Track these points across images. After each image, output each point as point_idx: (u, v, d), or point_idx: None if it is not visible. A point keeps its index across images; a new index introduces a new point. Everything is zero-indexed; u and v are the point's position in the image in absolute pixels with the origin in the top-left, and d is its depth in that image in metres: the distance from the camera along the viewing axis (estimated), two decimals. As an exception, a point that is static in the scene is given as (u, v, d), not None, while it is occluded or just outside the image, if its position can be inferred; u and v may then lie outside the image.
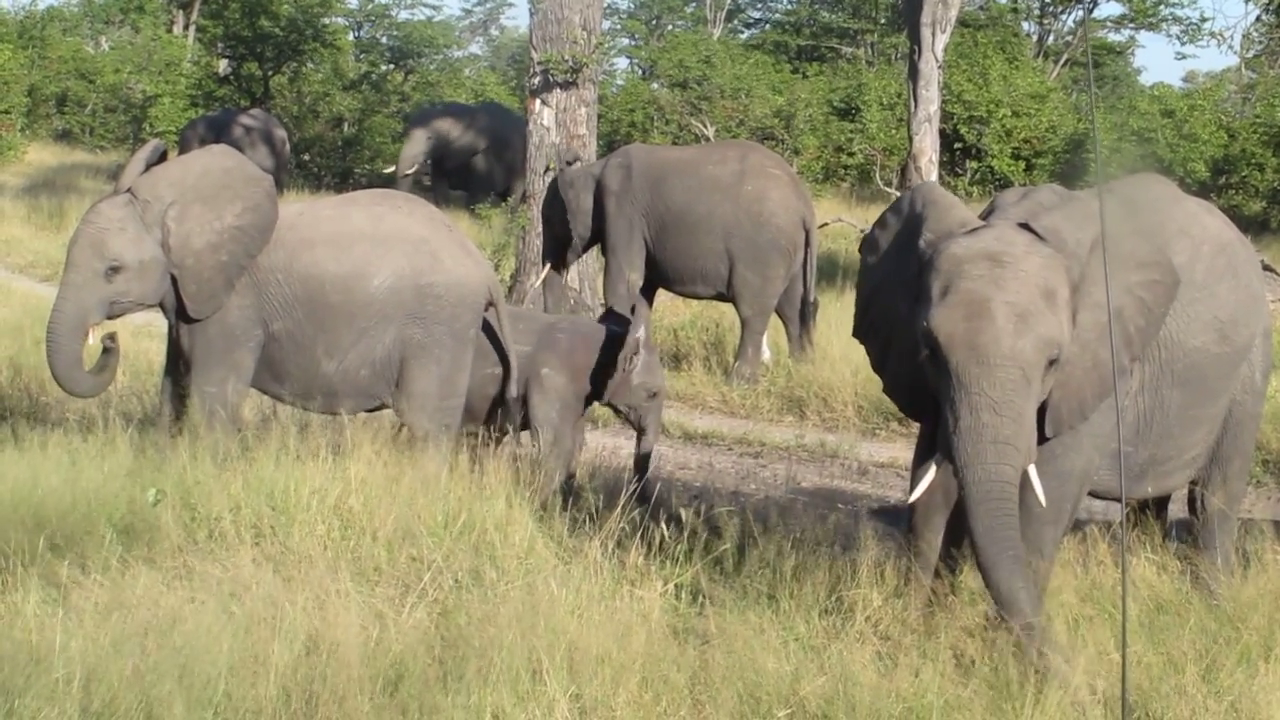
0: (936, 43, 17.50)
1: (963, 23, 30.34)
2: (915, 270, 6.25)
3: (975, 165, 29.35)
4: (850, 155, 29.43)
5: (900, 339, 6.48)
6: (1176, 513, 7.78)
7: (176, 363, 8.43)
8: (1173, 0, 38.18)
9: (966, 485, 5.83)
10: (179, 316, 8.24)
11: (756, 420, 12.43)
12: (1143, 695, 5.66)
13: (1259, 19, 29.09)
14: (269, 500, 7.17)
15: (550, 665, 5.59)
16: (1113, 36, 40.59)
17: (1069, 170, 27.59)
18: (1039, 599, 5.98)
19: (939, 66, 17.69)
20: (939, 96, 17.92)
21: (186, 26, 39.06)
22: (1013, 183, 27.31)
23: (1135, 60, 69.84)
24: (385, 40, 39.82)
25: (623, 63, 48.59)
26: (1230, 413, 7.04)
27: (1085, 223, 6.12)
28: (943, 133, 20.00)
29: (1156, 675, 5.80)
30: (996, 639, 5.95)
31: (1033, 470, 5.93)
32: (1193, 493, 7.28)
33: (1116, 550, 6.87)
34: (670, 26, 48.22)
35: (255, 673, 5.53)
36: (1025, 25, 39.41)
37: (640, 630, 5.96)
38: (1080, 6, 36.76)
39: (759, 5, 48.59)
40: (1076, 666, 5.64)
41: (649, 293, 13.84)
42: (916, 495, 6.31)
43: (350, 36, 39.89)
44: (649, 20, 49.52)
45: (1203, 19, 44.70)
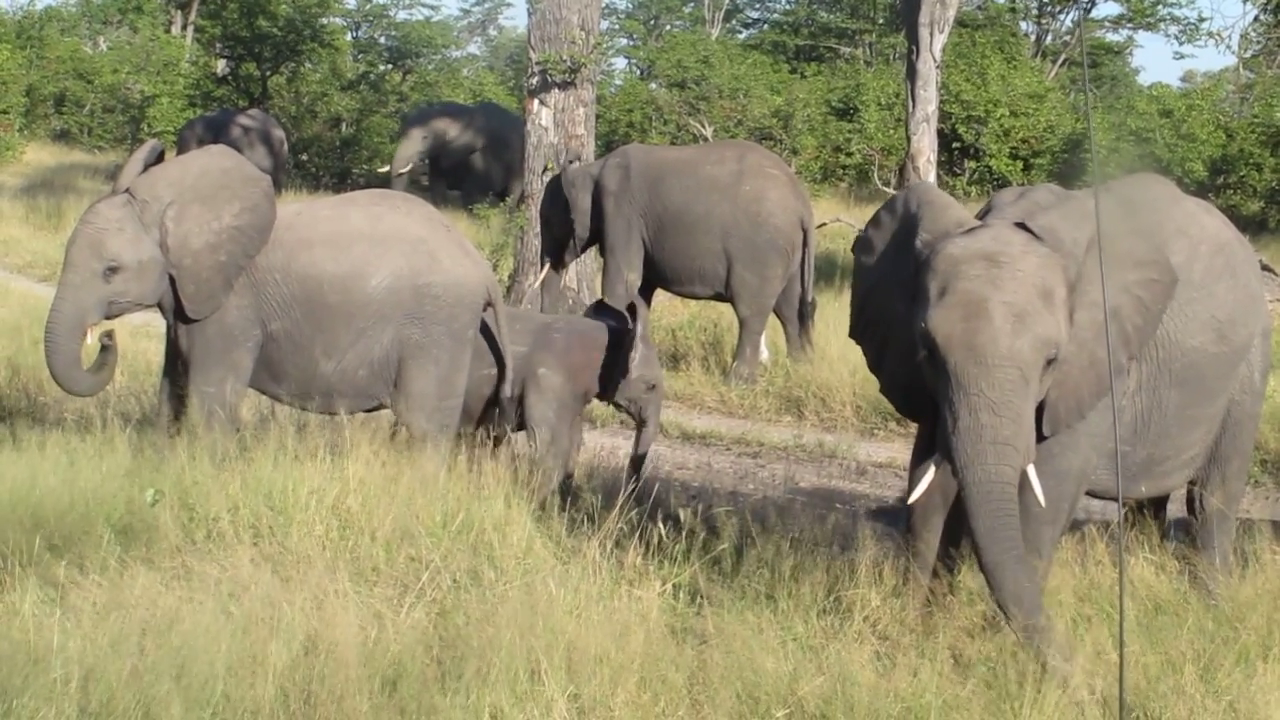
0: (934, 42, 17.50)
1: (961, 23, 30.31)
2: (912, 270, 6.25)
3: (973, 165, 29.34)
4: (848, 155, 29.42)
5: (897, 339, 6.48)
6: (1176, 513, 7.79)
7: (175, 363, 8.43)
8: (1171, 0, 38.19)
9: (967, 486, 5.83)
10: (177, 317, 8.24)
11: (755, 420, 12.43)
12: (1141, 695, 5.67)
13: (1257, 19, 29.12)
14: (267, 500, 7.17)
15: (548, 665, 5.59)
16: (1111, 36, 40.56)
17: (1067, 170, 27.58)
18: (1041, 599, 5.98)
19: (937, 66, 17.68)
20: (937, 96, 17.91)
21: (185, 27, 39.04)
22: (1011, 182, 27.29)
23: (1133, 60, 69.86)
24: (383, 40, 39.81)
25: (621, 63, 48.65)
26: (1229, 413, 7.04)
27: (1082, 222, 6.12)
28: (941, 133, 20.00)
29: (1154, 675, 5.80)
30: (996, 639, 5.96)
31: (1031, 470, 5.94)
32: (1191, 493, 7.28)
33: (1114, 550, 6.87)
34: (668, 26, 48.23)
35: (253, 673, 5.52)
36: (1023, 25, 39.37)
37: (638, 630, 5.96)
38: (1078, 6, 36.75)
39: (757, 5, 48.61)
40: (1075, 666, 5.65)
41: (647, 293, 13.85)
42: (916, 496, 6.31)
43: (348, 37, 39.89)
44: (647, 20, 49.53)
45: (1201, 19, 44.53)
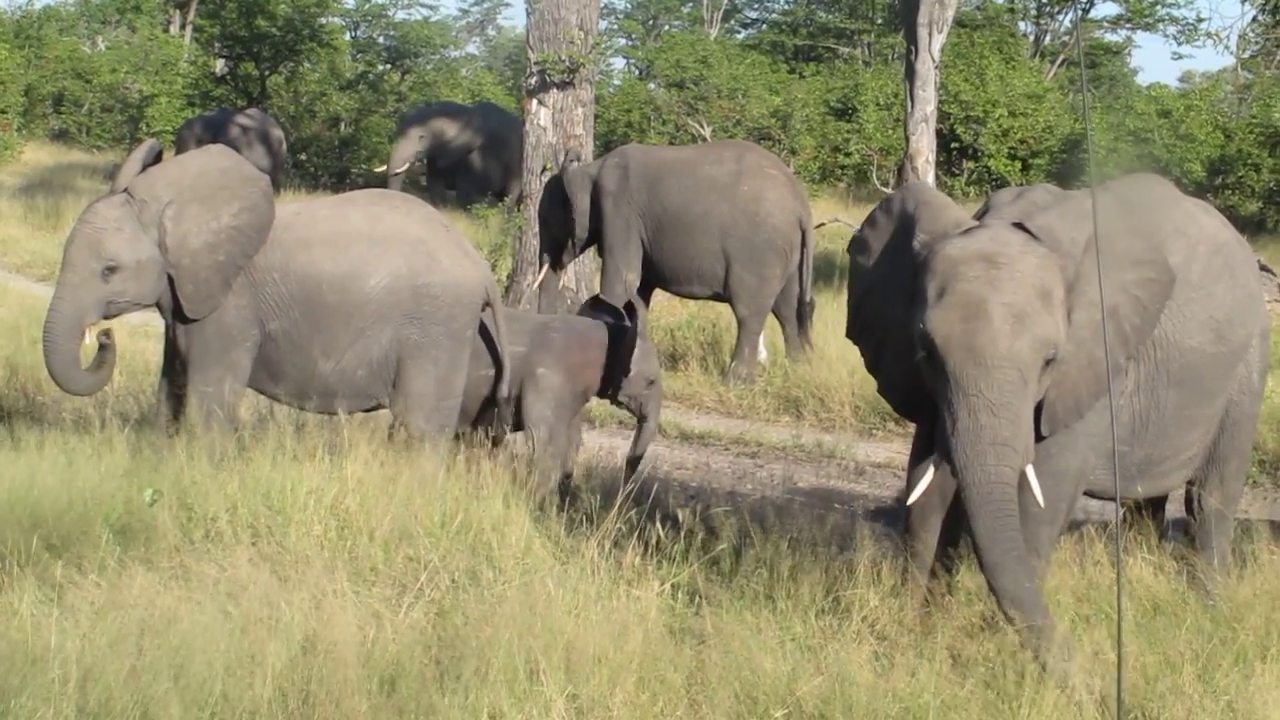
0: (933, 43, 17.50)
1: (959, 23, 30.31)
2: (910, 271, 6.25)
3: (972, 165, 29.35)
4: (847, 155, 29.42)
5: (895, 339, 6.48)
6: (1175, 513, 7.79)
7: (173, 363, 8.43)
8: (1169, 0, 38.19)
9: (966, 487, 5.83)
10: (176, 316, 8.24)
11: (753, 420, 12.43)
12: (1139, 695, 5.67)
13: (1255, 19, 29.14)
14: (266, 500, 7.16)
15: (547, 665, 5.59)
16: (1109, 37, 40.57)
17: (1066, 170, 27.58)
18: (1044, 600, 5.97)
19: (936, 66, 17.68)
20: (936, 96, 17.91)
21: (183, 26, 39.03)
22: (1009, 183, 27.30)
23: (1132, 60, 69.87)
24: (382, 40, 39.76)
25: (619, 63, 48.58)
26: (1227, 413, 7.04)
27: (1079, 222, 6.12)
28: (939, 133, 20.01)
29: (1153, 675, 5.80)
30: (995, 639, 5.96)
31: (1030, 471, 5.94)
32: (1189, 493, 7.28)
33: (1113, 550, 6.87)
34: (667, 27, 48.20)
35: (252, 673, 5.52)
36: (1022, 25, 39.38)
37: (637, 630, 5.96)
38: (1076, 6, 36.73)
39: (756, 5, 48.59)
40: (1074, 666, 5.65)
41: (646, 293, 13.85)
42: (915, 498, 6.31)
43: (347, 36, 39.84)
44: (646, 20, 49.52)
45: (1199, 19, 44.59)
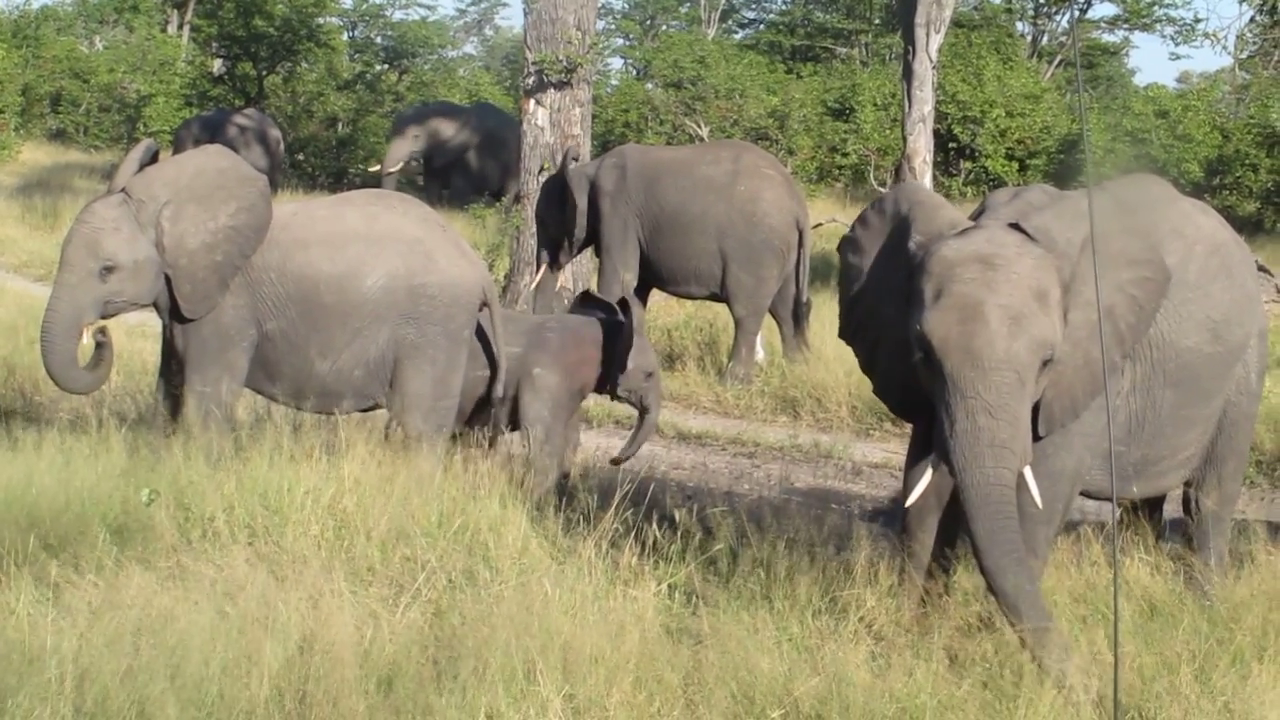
0: (931, 43, 17.49)
1: (957, 23, 30.30)
2: (905, 272, 6.25)
3: (969, 166, 29.36)
4: (844, 156, 29.41)
5: (890, 340, 6.48)
6: (1173, 513, 7.79)
7: (170, 363, 8.43)
8: (1167, 1, 38.20)
9: (965, 489, 5.83)
10: (173, 316, 8.24)
11: (750, 420, 12.43)
12: (1136, 695, 5.67)
13: (1253, 20, 29.12)
14: (263, 500, 7.16)
15: (544, 665, 5.59)
16: (1107, 37, 40.57)
17: (1063, 171, 27.59)
18: (1044, 601, 5.97)
19: (933, 67, 17.67)
20: (933, 97, 17.90)
21: (181, 26, 38.99)
22: (1007, 183, 27.28)
23: (1129, 61, 69.88)
24: (380, 40, 39.72)
25: (617, 63, 48.48)
26: (1225, 413, 7.04)
27: (1075, 222, 6.12)
28: (937, 133, 19.99)
29: (1150, 676, 5.80)
30: (992, 638, 5.96)
31: (1028, 472, 5.94)
32: (1187, 493, 7.28)
33: (1109, 551, 6.87)
34: (665, 27, 48.14)
35: (248, 672, 5.52)
36: (1019, 26, 39.38)
37: (634, 630, 5.96)
38: (1074, 7, 36.72)
39: (753, 5, 48.53)
40: (1071, 666, 5.65)
41: (643, 293, 13.85)
42: (913, 500, 6.31)
43: (345, 36, 39.81)
44: (643, 20, 49.46)
45: (1196, 20, 44.58)
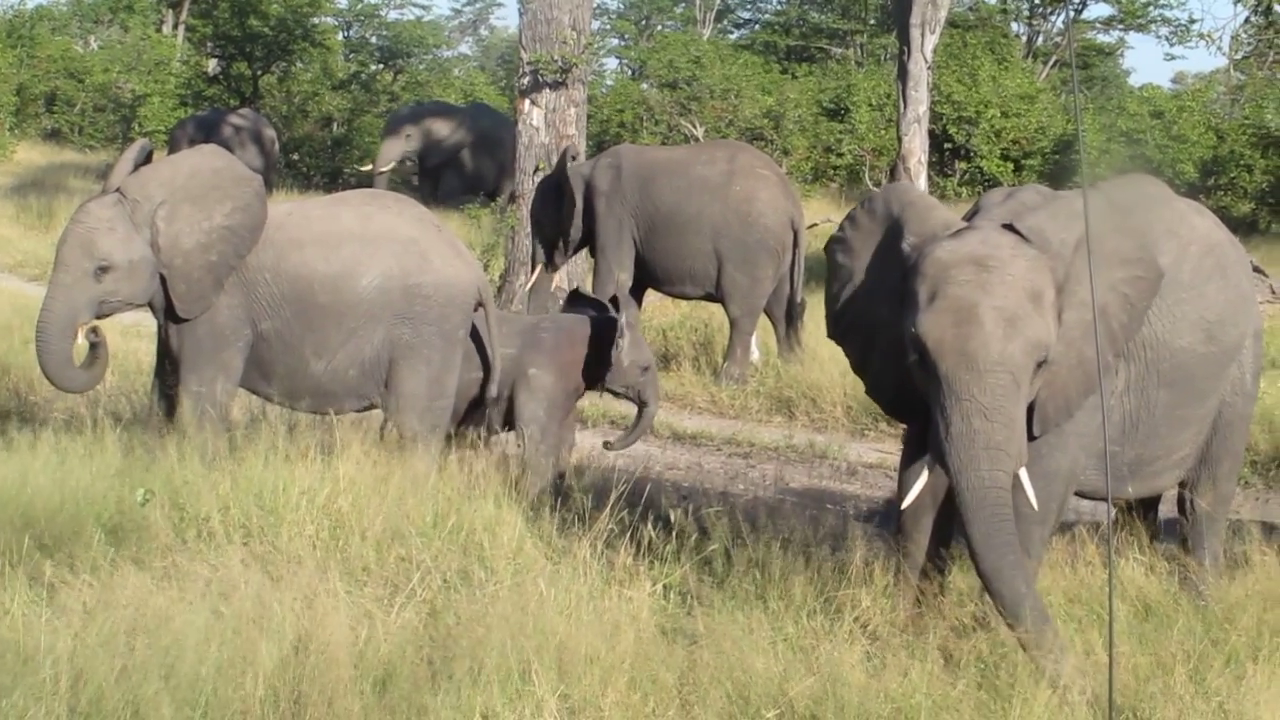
0: (926, 43, 17.50)
1: (952, 23, 30.32)
2: (899, 273, 6.24)
3: (964, 166, 29.37)
4: (839, 156, 29.41)
5: (883, 341, 6.47)
6: (1168, 514, 7.79)
7: (165, 362, 8.42)
8: (1162, 1, 38.22)
9: (961, 492, 5.83)
10: (168, 316, 8.23)
11: (745, 421, 12.43)
12: (1130, 696, 5.67)
13: (1248, 20, 29.21)
14: (258, 500, 7.16)
15: (539, 665, 5.58)
16: (1102, 38, 40.63)
17: (1058, 171, 27.60)
18: (1042, 602, 5.97)
19: (928, 67, 17.69)
20: (928, 97, 17.92)
21: (176, 26, 38.99)
22: (1002, 183, 27.28)
23: (1124, 61, 69.94)
24: (374, 40, 39.75)
25: (612, 63, 48.58)
26: (1220, 414, 7.04)
27: (1069, 222, 6.12)
28: (932, 133, 19.99)
29: (1144, 676, 5.80)
30: (987, 638, 5.96)
31: (1023, 473, 5.93)
32: (1182, 494, 7.28)
33: (1104, 551, 6.88)
34: (660, 27, 48.16)
35: (243, 673, 5.51)
36: (1014, 26, 39.43)
37: (629, 630, 5.96)
38: (1069, 7, 36.76)
39: (748, 6, 48.58)
40: (1066, 667, 5.65)
41: (638, 293, 13.85)
42: (909, 502, 6.31)
43: (339, 36, 39.86)
44: (638, 20, 49.45)
45: (1191, 20, 44.81)
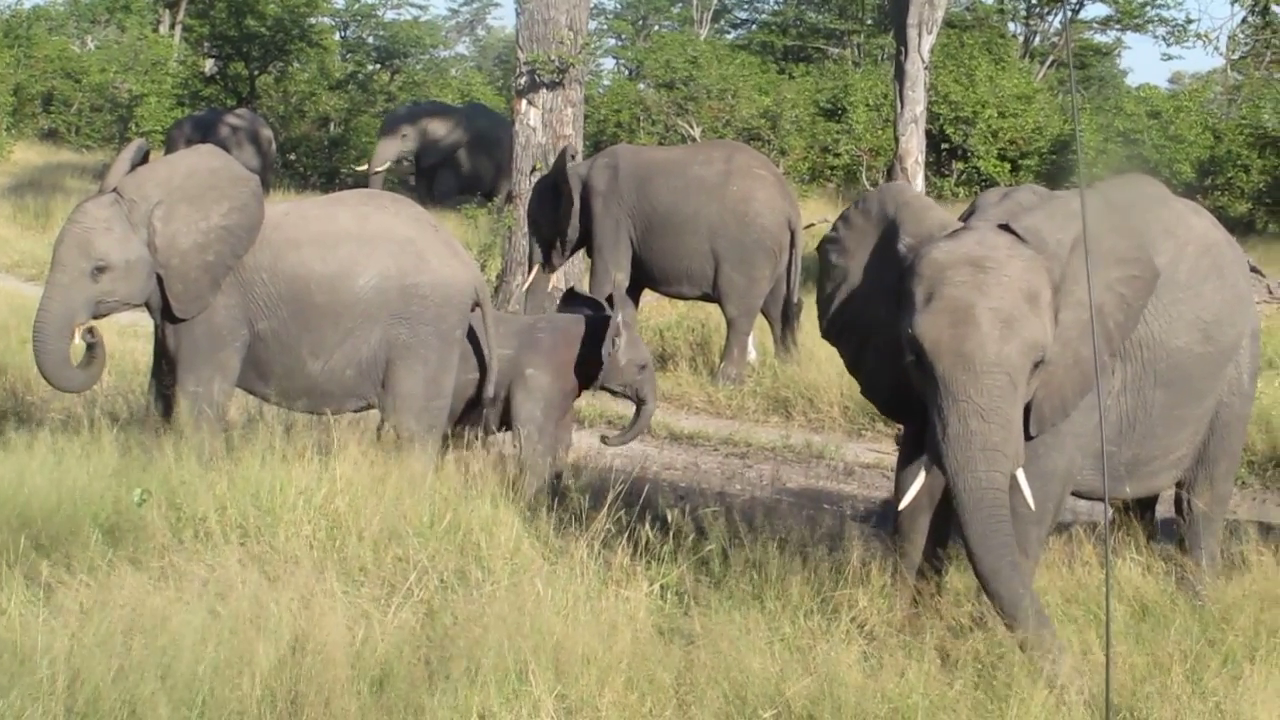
0: (923, 44, 17.49)
1: (949, 24, 30.34)
2: (895, 274, 6.24)
3: (961, 166, 29.38)
4: (836, 156, 29.41)
5: (879, 341, 6.47)
6: (1165, 514, 7.79)
7: (162, 362, 8.42)
8: (1159, 1, 38.24)
9: (958, 493, 5.83)
10: (165, 316, 8.23)
11: (742, 421, 12.43)
12: (1127, 696, 5.67)
13: (1245, 20, 29.15)
14: (255, 500, 7.16)
15: (536, 665, 5.58)
16: (1099, 38, 40.62)
17: (1055, 171, 27.62)
18: (1040, 603, 5.96)
19: (925, 67, 17.66)
20: (925, 97, 17.90)
21: (173, 26, 38.95)
22: (999, 183, 27.29)
23: (1121, 61, 69.92)
24: (371, 40, 39.74)
25: (609, 63, 48.61)
26: (1217, 414, 7.04)
27: (1066, 222, 6.12)
28: (929, 133, 19.98)
29: (1141, 676, 5.80)
30: (984, 638, 5.96)
31: (1021, 474, 5.94)
32: (1179, 494, 7.28)
33: (1101, 551, 6.88)
34: (657, 27, 48.17)
35: (240, 673, 5.51)
36: (1011, 26, 39.43)
37: (626, 630, 5.96)
38: (1066, 7, 36.77)
39: (745, 6, 48.59)
40: (1063, 667, 5.65)
41: (635, 293, 13.85)
42: (906, 503, 6.31)
43: (336, 36, 39.82)
44: (635, 20, 49.46)
45: (1189, 20, 44.81)
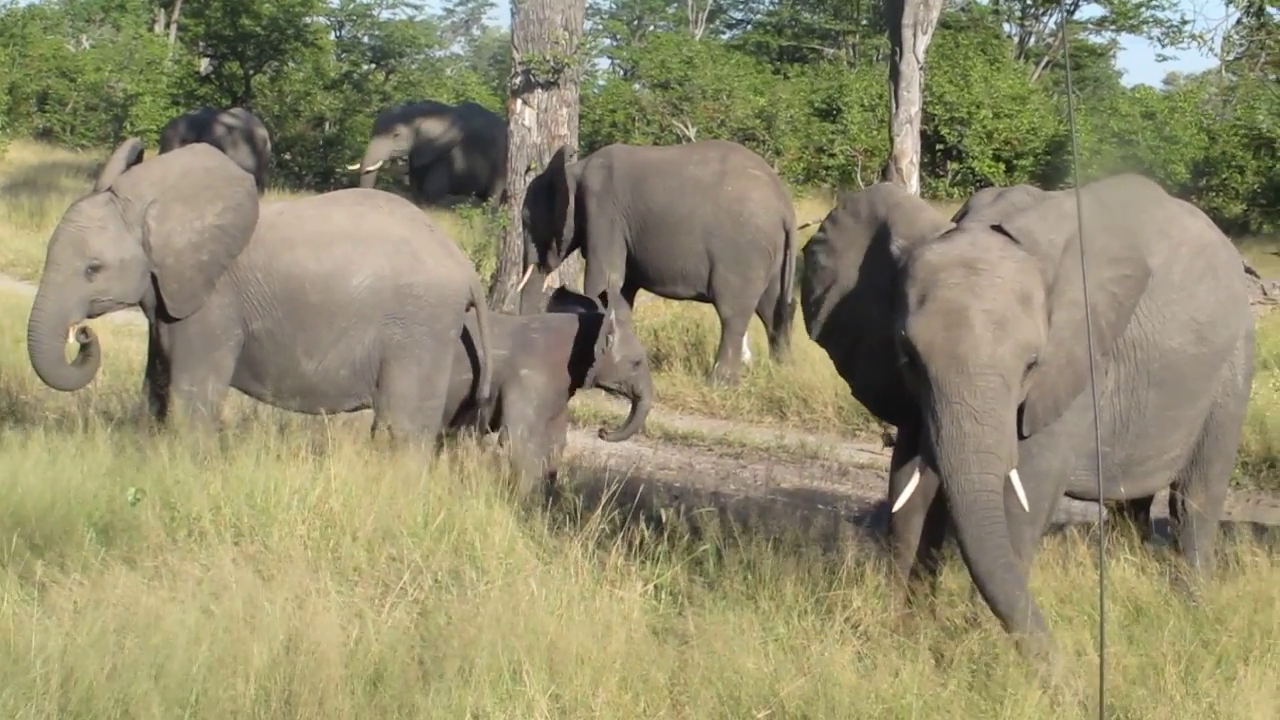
0: (918, 44, 17.51)
1: (944, 24, 30.32)
2: (889, 276, 6.24)
3: (956, 167, 29.39)
4: (831, 156, 29.43)
5: (871, 342, 6.47)
6: (1161, 515, 7.78)
7: (157, 362, 8.41)
8: (1154, 2, 38.28)
9: (952, 495, 5.82)
10: (159, 315, 8.23)
11: (737, 421, 12.44)
12: (1121, 697, 5.67)
13: (1239, 21, 29.20)
14: (249, 500, 7.15)
15: (530, 665, 5.58)
16: (1094, 38, 40.64)
17: (1050, 172, 27.65)
18: (1036, 605, 5.96)
19: (920, 68, 17.69)
20: (920, 98, 17.92)
21: (168, 25, 38.95)
22: (993, 184, 27.31)
23: (1116, 62, 69.91)
24: (367, 40, 39.72)
25: (604, 63, 48.61)
26: (1211, 415, 7.04)
27: (1058, 223, 6.12)
28: (924, 134, 20.04)
29: (1135, 677, 5.80)
30: (978, 638, 5.96)
31: (1014, 475, 5.93)
32: (1173, 495, 7.27)
33: (1095, 551, 6.88)
34: (652, 27, 48.22)
35: (234, 672, 5.51)
36: (1006, 27, 39.46)
37: (620, 630, 5.96)
38: (1061, 8, 36.80)
39: (740, 6, 48.63)
40: (1057, 668, 5.66)
41: (630, 293, 13.84)
42: (900, 504, 6.30)
43: (332, 36, 39.81)
44: (631, 20, 49.51)
45: (1183, 21, 44.69)
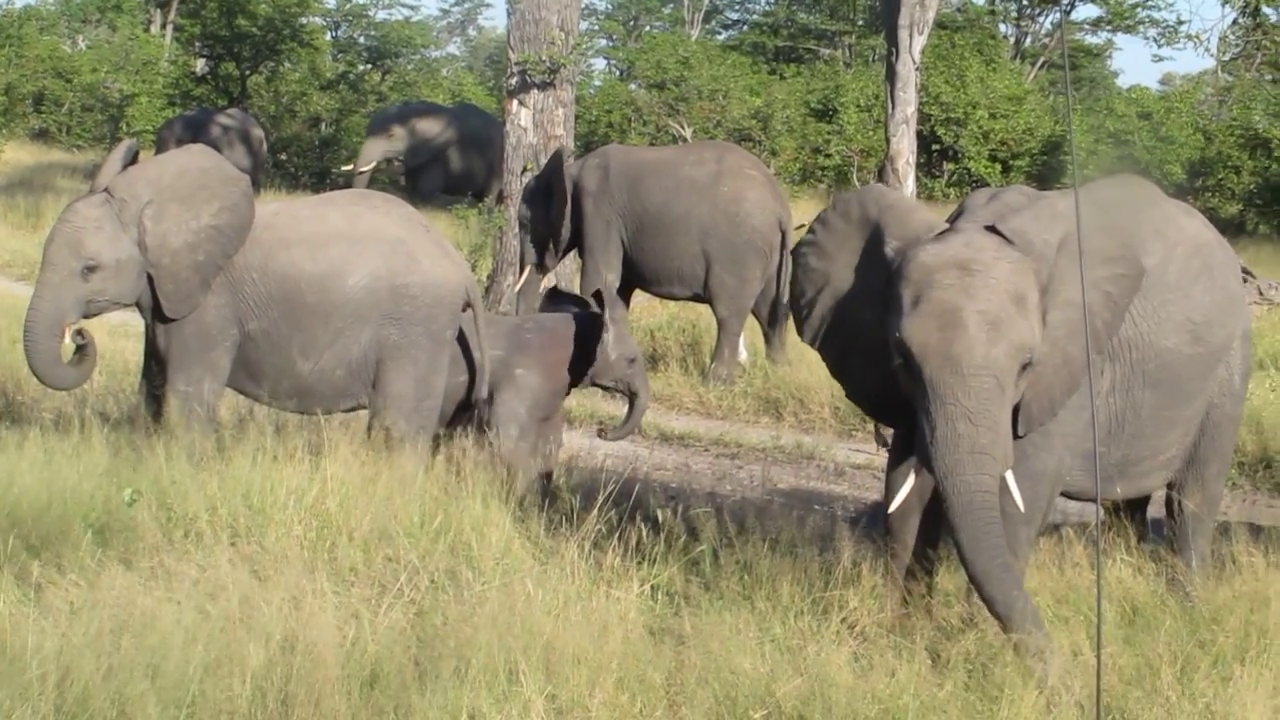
0: (914, 44, 17.49)
1: (940, 24, 30.35)
2: (883, 277, 6.24)
3: (952, 167, 29.42)
4: (828, 157, 29.45)
5: (865, 344, 6.47)
6: (1157, 515, 7.79)
7: (153, 362, 8.41)
8: (1150, 3, 38.29)
9: (947, 496, 5.82)
10: (155, 316, 8.22)
11: (733, 421, 12.43)
12: (1118, 697, 5.67)
13: (1235, 22, 29.17)
14: (245, 500, 7.15)
15: (526, 666, 5.58)
16: (1090, 39, 40.70)
17: (1046, 172, 27.67)
18: (1033, 605, 5.96)
19: (916, 68, 17.68)
20: (916, 98, 17.91)
21: (164, 26, 38.92)
22: (990, 184, 27.33)
23: (1112, 62, 69.92)
24: (363, 40, 39.68)
25: (600, 63, 48.50)
26: (1208, 415, 7.03)
27: (1052, 223, 6.13)
28: (920, 134, 20.01)
29: (1132, 677, 5.81)
30: (974, 639, 5.96)
31: (1010, 475, 5.93)
32: (1169, 495, 7.27)
33: (1092, 552, 6.88)
34: (648, 27, 48.19)
35: (230, 672, 5.50)
36: (1003, 27, 39.49)
37: (617, 631, 5.96)
38: (1058, 9, 36.83)
39: (736, 6, 48.59)
40: (1054, 668, 5.66)
41: (626, 293, 13.84)
42: (896, 505, 6.30)
43: (328, 36, 39.81)
44: (627, 21, 49.48)
45: (1180, 21, 44.66)
